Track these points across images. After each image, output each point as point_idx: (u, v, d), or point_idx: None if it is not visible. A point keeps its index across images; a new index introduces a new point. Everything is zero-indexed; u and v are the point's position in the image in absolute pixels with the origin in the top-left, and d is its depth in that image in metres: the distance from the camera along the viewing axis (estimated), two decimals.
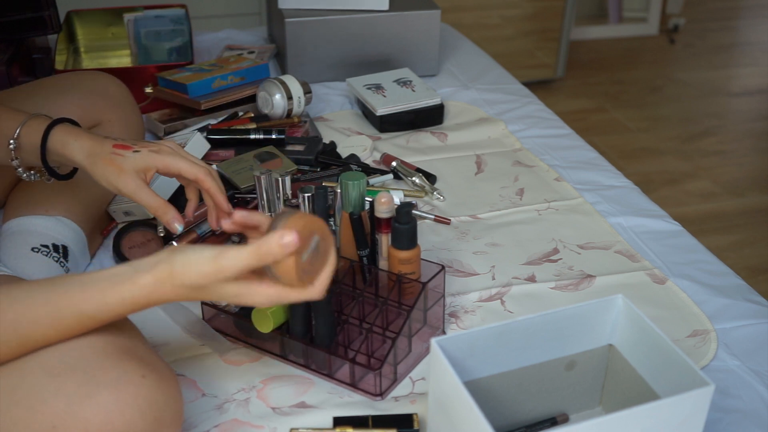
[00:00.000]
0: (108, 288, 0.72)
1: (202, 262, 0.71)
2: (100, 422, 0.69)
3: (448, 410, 0.75)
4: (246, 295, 0.73)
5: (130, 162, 0.90)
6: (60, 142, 0.92)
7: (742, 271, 1.39)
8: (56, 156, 0.94)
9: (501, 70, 1.85)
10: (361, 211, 1.00)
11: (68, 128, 0.93)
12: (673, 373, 0.77)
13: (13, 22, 1.51)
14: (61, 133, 0.93)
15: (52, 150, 0.93)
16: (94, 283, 0.73)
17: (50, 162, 0.95)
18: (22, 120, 0.94)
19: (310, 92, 1.51)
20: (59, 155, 0.93)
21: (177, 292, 0.72)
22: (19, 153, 0.94)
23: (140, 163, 0.91)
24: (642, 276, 1.14)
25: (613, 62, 3.55)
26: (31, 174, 0.99)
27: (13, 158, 0.95)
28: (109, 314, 0.73)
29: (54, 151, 0.93)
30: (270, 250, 0.70)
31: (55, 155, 0.94)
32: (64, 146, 0.92)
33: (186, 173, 0.92)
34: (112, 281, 0.72)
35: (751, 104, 3.23)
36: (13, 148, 0.94)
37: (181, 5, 1.79)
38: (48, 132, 0.92)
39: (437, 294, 0.99)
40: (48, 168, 0.95)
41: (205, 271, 0.71)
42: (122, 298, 0.72)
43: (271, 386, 0.94)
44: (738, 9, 4.33)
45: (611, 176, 1.41)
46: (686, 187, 2.60)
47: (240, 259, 0.70)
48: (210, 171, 0.93)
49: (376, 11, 1.69)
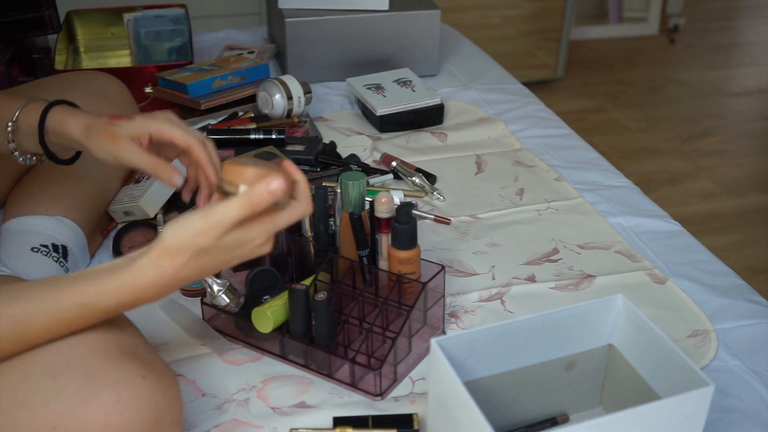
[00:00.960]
0: (106, 276, 0.72)
1: (193, 222, 0.70)
2: (101, 423, 0.69)
3: (448, 410, 0.75)
4: (247, 238, 0.72)
5: (124, 129, 0.89)
6: (58, 122, 0.92)
7: (742, 271, 1.39)
8: (54, 136, 0.93)
9: (501, 70, 1.85)
10: (361, 211, 1.00)
11: (66, 108, 0.93)
12: (673, 373, 0.77)
13: (13, 22, 1.51)
14: (59, 113, 0.92)
15: (50, 130, 0.92)
16: (93, 274, 0.73)
17: (48, 144, 0.94)
18: (21, 104, 0.93)
19: (310, 92, 1.51)
20: (57, 135, 0.92)
21: (176, 265, 0.71)
22: (16, 136, 0.94)
23: (134, 129, 0.89)
24: (642, 276, 1.14)
25: (613, 62, 3.55)
26: (27, 157, 0.97)
27: (10, 141, 0.94)
28: (108, 303, 0.72)
29: (52, 131, 0.92)
30: (261, 198, 0.69)
31: (53, 135, 0.93)
32: (62, 125, 0.91)
33: (178, 140, 0.89)
34: (110, 270, 0.72)
35: (751, 104, 3.23)
36: (10, 131, 0.93)
37: (181, 5, 1.79)
38: (46, 112, 0.92)
39: (437, 294, 0.99)
40: (46, 150, 0.94)
41: (199, 228, 0.70)
42: (121, 284, 0.72)
43: (271, 386, 0.94)
44: (738, 9, 4.33)
45: (611, 176, 1.41)
46: (686, 187, 2.60)
47: (231, 209, 0.70)
48: (204, 141, 0.90)
49: (376, 11, 1.69)
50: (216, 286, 0.95)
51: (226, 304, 0.96)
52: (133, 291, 0.72)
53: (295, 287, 0.93)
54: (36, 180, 1.17)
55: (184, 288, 1.07)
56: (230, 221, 0.70)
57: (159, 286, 0.72)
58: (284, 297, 0.96)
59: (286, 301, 0.95)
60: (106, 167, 1.19)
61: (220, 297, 0.96)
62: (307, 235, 1.04)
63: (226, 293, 0.96)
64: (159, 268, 0.71)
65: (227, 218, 0.70)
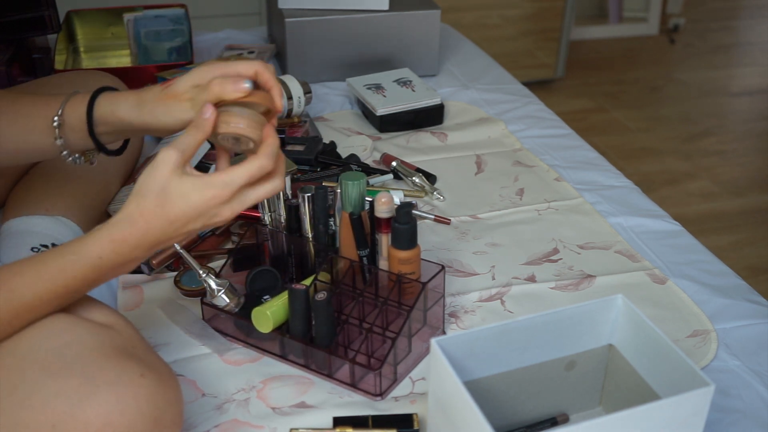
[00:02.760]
0: (87, 235, 0.76)
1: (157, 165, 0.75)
2: (100, 422, 0.69)
3: (448, 410, 0.75)
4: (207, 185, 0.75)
5: (181, 82, 0.83)
6: (108, 108, 0.87)
7: (742, 271, 1.39)
8: (103, 126, 0.88)
9: (501, 70, 1.85)
10: (361, 211, 1.00)
11: (112, 93, 0.88)
12: (673, 373, 0.77)
13: (13, 22, 1.51)
14: (106, 99, 0.88)
15: (98, 120, 0.88)
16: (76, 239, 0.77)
17: (97, 135, 0.89)
18: (63, 99, 0.89)
19: (310, 92, 1.51)
20: (106, 123, 0.88)
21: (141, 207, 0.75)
22: (63, 132, 0.89)
23: (194, 78, 0.82)
24: (642, 276, 1.14)
25: (613, 62, 3.55)
26: (76, 157, 0.93)
27: (57, 137, 0.89)
28: (89, 257, 0.74)
29: (101, 120, 0.88)
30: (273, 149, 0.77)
31: (101, 125, 0.88)
32: (113, 110, 0.86)
33: (244, 70, 0.81)
34: (91, 231, 0.77)
35: (751, 104, 3.23)
36: (56, 125, 0.89)
37: (181, 5, 1.79)
38: (93, 102, 0.88)
39: (437, 294, 0.99)
40: (96, 141, 0.90)
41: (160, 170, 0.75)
42: (100, 237, 0.75)
43: (271, 386, 0.94)
44: (738, 9, 4.33)
45: (611, 176, 1.41)
46: (686, 187, 2.60)
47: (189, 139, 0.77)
48: (266, 65, 0.83)
49: (376, 11, 1.69)
50: (216, 286, 0.95)
51: (226, 304, 0.96)
52: (111, 242, 0.75)
53: (295, 287, 0.92)
54: (36, 180, 1.17)
55: (184, 288, 1.07)
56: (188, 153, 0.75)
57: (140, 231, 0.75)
58: (284, 297, 0.96)
59: (286, 301, 0.95)
60: (107, 167, 1.20)
61: (220, 297, 0.95)
62: (307, 235, 1.04)
63: (226, 293, 0.96)
64: (126, 213, 0.75)
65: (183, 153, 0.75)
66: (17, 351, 0.74)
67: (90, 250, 0.75)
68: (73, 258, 0.75)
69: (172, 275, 1.11)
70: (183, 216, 0.75)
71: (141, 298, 1.08)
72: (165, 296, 1.08)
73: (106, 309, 0.82)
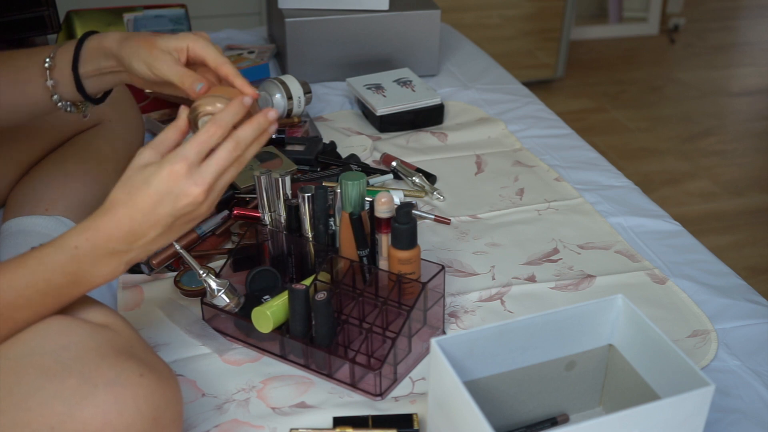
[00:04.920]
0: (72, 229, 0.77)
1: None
2: (99, 422, 0.69)
3: (448, 410, 0.75)
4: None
5: (163, 41, 0.88)
6: (97, 40, 0.91)
7: (742, 271, 1.39)
8: (90, 63, 0.92)
9: (501, 70, 1.85)
10: (361, 211, 1.00)
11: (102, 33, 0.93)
12: (673, 373, 0.77)
13: (13, 22, 1.51)
14: (96, 36, 0.92)
15: (86, 52, 0.91)
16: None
17: (83, 78, 0.93)
18: (58, 44, 0.94)
19: (310, 92, 1.51)
20: (93, 57, 0.91)
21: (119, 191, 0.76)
22: (54, 74, 0.93)
23: (173, 42, 0.88)
24: (642, 276, 1.14)
25: (613, 62, 3.55)
26: (68, 104, 0.96)
27: (48, 78, 0.93)
28: (65, 247, 0.75)
29: (88, 53, 0.91)
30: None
31: (89, 63, 0.92)
32: (99, 42, 0.91)
33: (210, 59, 0.88)
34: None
35: (751, 104, 3.23)
36: (48, 66, 0.92)
37: (181, 5, 1.79)
38: (85, 38, 0.92)
39: (437, 294, 0.99)
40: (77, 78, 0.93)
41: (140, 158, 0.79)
42: (76, 228, 0.76)
43: (271, 386, 0.94)
44: (738, 9, 4.33)
45: (611, 176, 1.41)
46: (686, 187, 2.60)
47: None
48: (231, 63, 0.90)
49: (376, 11, 1.69)
50: (216, 286, 0.95)
51: (226, 304, 0.96)
52: (85, 232, 0.75)
53: (295, 287, 0.92)
54: (36, 180, 1.17)
55: (184, 288, 1.07)
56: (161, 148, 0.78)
57: (105, 226, 0.75)
58: (284, 297, 0.96)
59: (286, 301, 0.95)
60: (107, 167, 1.20)
61: (220, 297, 0.96)
62: (307, 235, 1.04)
63: (226, 293, 0.96)
64: (102, 206, 0.76)
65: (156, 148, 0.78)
66: (15, 353, 0.74)
67: (66, 241, 0.75)
68: (50, 250, 0.75)
69: (172, 275, 1.11)
70: (148, 199, 0.75)
71: (141, 298, 1.08)
72: (165, 296, 1.08)
73: (104, 309, 0.82)
